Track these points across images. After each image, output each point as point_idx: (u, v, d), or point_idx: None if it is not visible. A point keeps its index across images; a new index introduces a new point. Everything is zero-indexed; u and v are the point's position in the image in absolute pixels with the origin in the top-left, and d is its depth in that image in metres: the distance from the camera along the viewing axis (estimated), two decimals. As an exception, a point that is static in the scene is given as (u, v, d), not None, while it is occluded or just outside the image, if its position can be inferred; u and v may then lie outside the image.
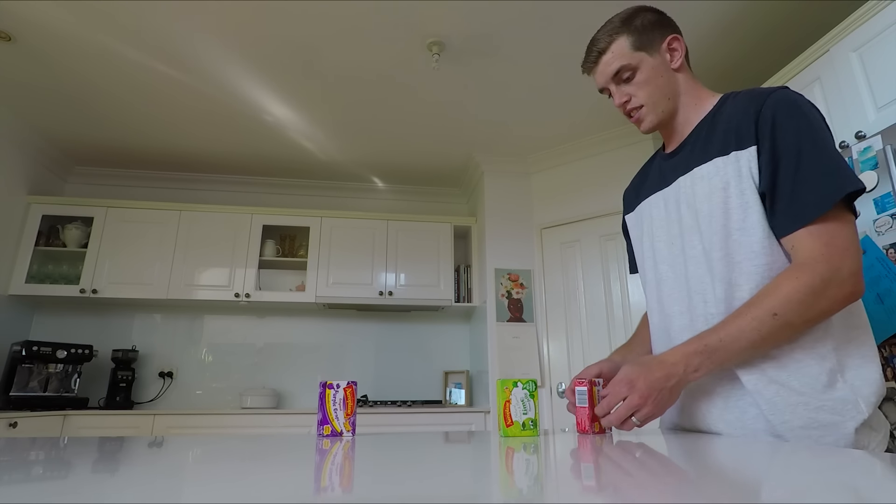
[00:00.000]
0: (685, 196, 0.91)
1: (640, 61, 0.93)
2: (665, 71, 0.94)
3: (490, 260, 3.46)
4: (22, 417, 2.54)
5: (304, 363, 3.67)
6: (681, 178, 0.93)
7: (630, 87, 0.94)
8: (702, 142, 0.91)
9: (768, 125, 0.81)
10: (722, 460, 0.57)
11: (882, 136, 1.59)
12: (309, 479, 0.46)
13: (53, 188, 3.61)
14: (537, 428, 0.84)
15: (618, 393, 0.80)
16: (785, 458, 0.56)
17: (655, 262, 0.98)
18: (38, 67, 2.65)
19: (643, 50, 0.93)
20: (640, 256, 1.05)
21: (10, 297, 3.20)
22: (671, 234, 0.95)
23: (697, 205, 0.88)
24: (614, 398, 0.80)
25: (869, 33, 1.75)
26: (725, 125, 0.87)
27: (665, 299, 0.95)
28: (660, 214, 0.98)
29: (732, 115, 0.87)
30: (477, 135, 3.35)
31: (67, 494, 0.36)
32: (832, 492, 0.39)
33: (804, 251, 0.77)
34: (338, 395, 0.85)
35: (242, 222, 3.53)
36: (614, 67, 0.94)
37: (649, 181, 1.05)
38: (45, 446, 0.69)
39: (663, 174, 1.00)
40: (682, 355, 0.79)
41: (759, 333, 0.75)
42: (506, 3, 2.22)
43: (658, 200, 0.99)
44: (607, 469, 0.52)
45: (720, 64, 2.63)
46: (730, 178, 0.83)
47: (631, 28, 0.94)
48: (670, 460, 0.59)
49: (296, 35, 2.41)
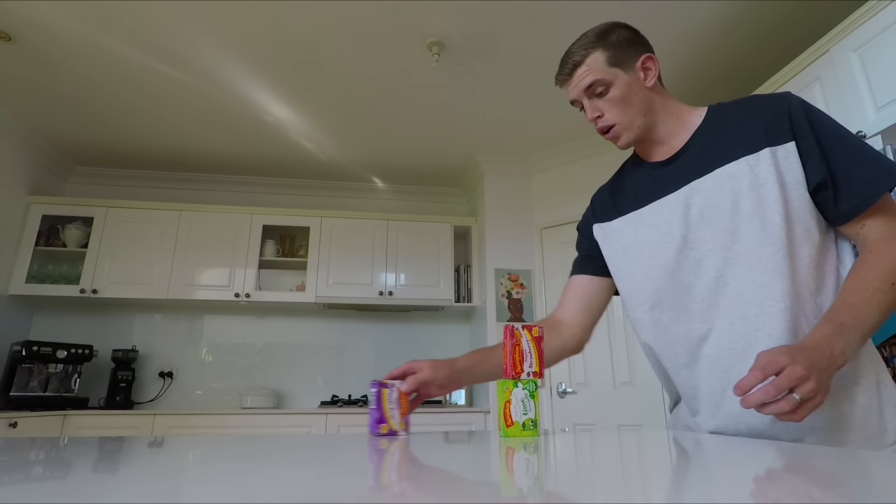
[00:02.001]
0: (710, 196, 0.86)
1: (614, 77, 0.92)
2: (639, 89, 0.94)
3: (490, 260, 3.46)
4: (22, 417, 2.54)
5: (304, 363, 3.67)
6: (695, 181, 0.89)
7: (603, 102, 0.94)
8: (711, 146, 0.89)
9: (804, 120, 0.83)
10: (728, 459, 0.57)
11: (882, 136, 1.59)
12: (320, 478, 0.46)
13: (53, 188, 3.61)
14: (537, 428, 0.84)
15: (775, 362, 0.65)
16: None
17: (658, 276, 0.92)
18: (38, 67, 2.65)
19: (618, 66, 0.92)
20: (627, 268, 0.99)
21: (10, 297, 3.21)
22: (682, 235, 0.89)
23: (729, 203, 0.84)
24: (771, 367, 0.65)
25: (869, 33, 1.75)
26: (743, 127, 0.87)
27: (687, 305, 0.89)
28: (664, 221, 0.92)
29: (749, 117, 0.87)
30: (477, 135, 3.35)
31: (67, 494, 0.36)
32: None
33: (883, 227, 0.79)
34: (392, 394, 0.88)
35: (242, 222, 3.53)
36: (587, 81, 0.93)
37: (640, 191, 0.99)
38: (45, 446, 0.69)
39: (660, 182, 0.95)
40: (823, 338, 0.70)
41: (886, 305, 0.73)
42: (506, 3, 2.22)
43: (661, 208, 0.93)
44: (607, 469, 0.52)
45: (720, 64, 2.63)
46: (767, 174, 0.82)
47: (606, 43, 0.93)
48: (674, 459, 0.59)
49: (296, 34, 2.41)
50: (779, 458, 0.55)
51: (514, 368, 0.86)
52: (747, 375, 0.66)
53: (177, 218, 3.46)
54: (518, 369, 0.86)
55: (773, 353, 0.67)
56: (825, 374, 0.66)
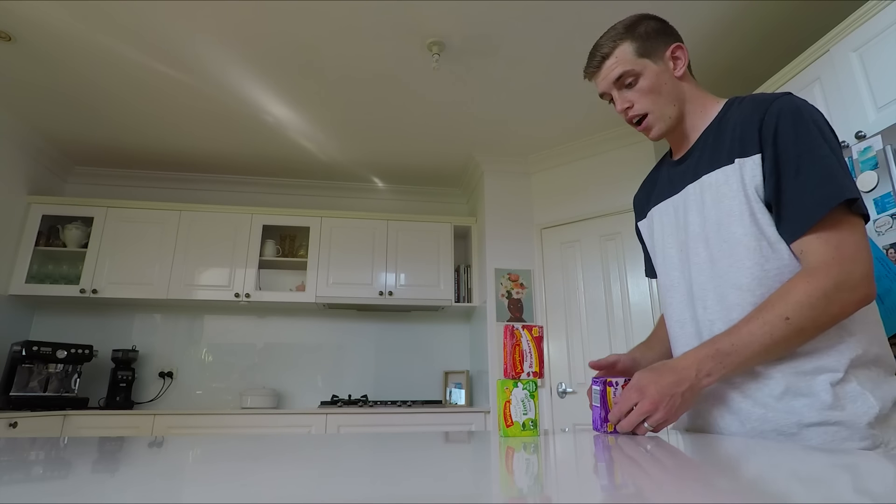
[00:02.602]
0: (694, 203, 0.92)
1: (643, 68, 0.93)
2: (669, 78, 0.94)
3: (490, 260, 3.46)
4: (22, 417, 2.54)
5: (304, 363, 3.67)
6: (689, 185, 0.93)
7: (632, 93, 0.94)
8: (709, 149, 0.91)
9: (771, 133, 0.81)
10: (728, 459, 0.57)
11: (882, 136, 1.59)
12: (320, 478, 0.45)
13: (53, 188, 3.61)
14: (537, 428, 0.84)
15: (629, 399, 0.80)
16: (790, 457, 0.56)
17: (667, 269, 0.99)
18: (38, 67, 2.65)
19: (647, 57, 0.93)
20: (656, 263, 1.06)
21: (10, 297, 3.20)
22: (679, 240, 0.96)
23: (706, 212, 0.88)
24: (625, 405, 0.80)
25: (869, 33, 1.75)
26: (731, 133, 0.88)
27: (675, 305, 0.96)
28: (669, 221, 0.99)
29: (737, 123, 0.87)
30: (477, 135, 3.35)
31: (67, 494, 0.36)
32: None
33: (814, 256, 0.77)
34: (617, 391, 0.88)
35: (242, 222, 3.53)
36: (617, 72, 0.93)
37: (658, 188, 1.06)
38: (45, 446, 0.69)
39: (672, 181, 1.00)
40: (693, 360, 0.79)
41: (772, 338, 0.75)
42: (506, 3, 2.22)
43: (668, 208, 1.00)
44: (607, 469, 0.52)
45: (720, 64, 2.63)
46: (736, 186, 0.84)
47: (634, 35, 0.94)
48: (674, 459, 0.58)
49: (296, 35, 2.41)
50: (778, 457, 0.55)
51: (514, 368, 0.85)
52: (614, 409, 0.82)
53: (177, 218, 3.46)
54: (518, 369, 0.86)
55: (631, 388, 0.80)
56: (679, 399, 0.77)
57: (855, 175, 1.65)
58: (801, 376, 0.78)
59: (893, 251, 1.49)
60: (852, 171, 1.67)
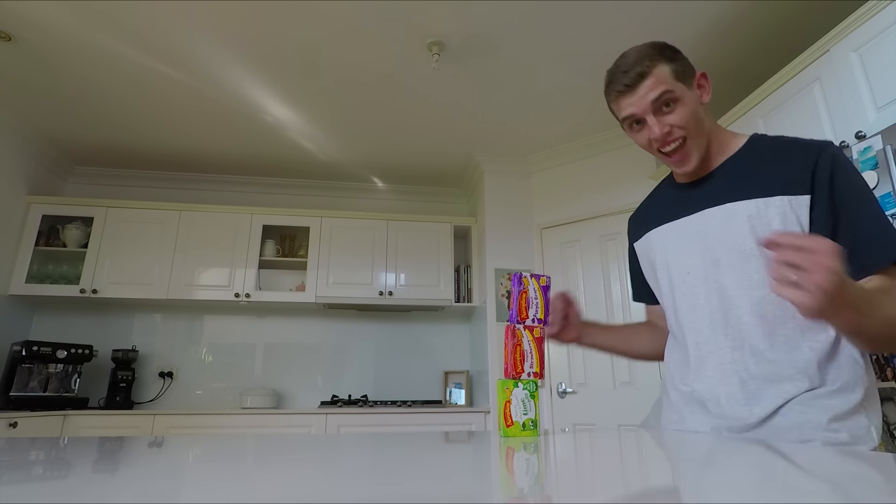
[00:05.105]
0: (715, 229, 0.90)
1: (682, 92, 0.88)
2: (699, 106, 0.91)
3: (490, 260, 3.46)
4: (22, 417, 2.54)
5: (304, 363, 3.67)
6: (708, 209, 0.91)
7: (672, 117, 0.88)
8: (735, 179, 0.90)
9: (826, 178, 0.81)
10: (726, 459, 0.57)
11: (882, 136, 1.59)
12: (320, 477, 0.45)
13: (53, 188, 3.61)
14: (537, 428, 0.84)
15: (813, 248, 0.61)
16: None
17: (672, 290, 0.97)
18: (38, 67, 2.65)
19: (682, 81, 0.89)
20: (656, 284, 1.04)
21: (10, 297, 3.20)
22: (688, 263, 0.94)
23: (731, 239, 0.87)
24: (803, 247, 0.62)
25: (869, 33, 1.74)
26: (768, 168, 0.87)
27: (684, 324, 0.95)
28: (675, 243, 0.97)
29: (776, 161, 0.87)
30: (477, 135, 3.35)
31: (67, 494, 0.36)
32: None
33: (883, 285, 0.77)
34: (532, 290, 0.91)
35: (242, 222, 3.53)
36: (657, 92, 0.86)
37: (659, 210, 1.03)
38: (45, 446, 0.69)
39: (682, 203, 0.97)
40: (854, 296, 0.66)
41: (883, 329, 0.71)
42: (506, 3, 2.22)
43: (674, 228, 0.97)
44: (607, 468, 0.52)
45: (721, 64, 2.63)
46: (772, 219, 0.83)
47: (667, 56, 0.89)
48: (674, 459, 0.58)
49: (296, 35, 2.41)
50: (777, 457, 0.55)
51: (514, 368, 0.85)
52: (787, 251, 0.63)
53: (177, 218, 3.46)
54: (518, 369, 0.86)
55: (818, 248, 0.61)
56: (837, 299, 0.62)
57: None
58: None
59: (893, 251, 1.49)
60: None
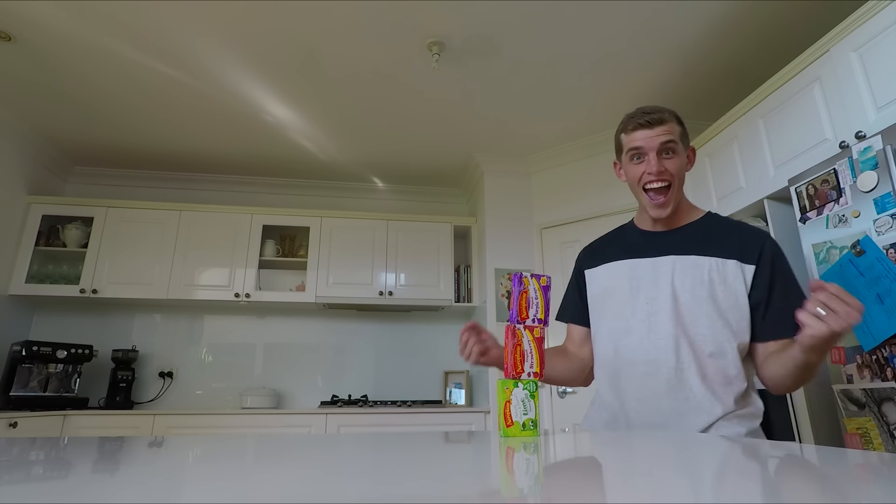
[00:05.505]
0: (679, 272, 1.08)
1: (681, 150, 1.12)
2: (685, 169, 1.14)
3: (490, 260, 3.46)
4: (22, 417, 2.54)
5: (304, 363, 3.67)
6: (674, 256, 1.10)
7: (669, 163, 1.10)
8: (699, 239, 1.12)
9: (769, 258, 1.07)
10: (723, 460, 0.57)
11: (882, 136, 1.59)
12: (320, 477, 0.45)
13: (53, 188, 3.61)
14: (537, 428, 0.84)
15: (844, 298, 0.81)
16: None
17: (626, 315, 1.12)
18: (38, 67, 2.65)
19: (683, 143, 1.12)
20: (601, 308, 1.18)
21: (10, 297, 3.21)
22: (651, 295, 1.09)
23: (688, 283, 1.06)
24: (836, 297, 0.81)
25: (869, 33, 1.74)
26: (726, 239, 1.10)
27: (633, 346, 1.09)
28: (645, 275, 1.12)
29: (731, 235, 1.11)
30: (477, 134, 3.35)
31: (67, 494, 0.36)
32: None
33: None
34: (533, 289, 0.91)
35: (242, 222, 3.53)
36: (668, 138, 1.09)
37: (622, 247, 1.20)
38: (45, 446, 0.69)
39: (647, 244, 1.16)
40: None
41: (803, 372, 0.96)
42: (506, 3, 2.22)
43: (642, 264, 1.13)
44: (607, 469, 0.52)
45: (721, 64, 2.63)
46: (727, 275, 1.06)
47: (679, 120, 1.12)
48: (673, 459, 0.59)
49: (296, 35, 2.41)
50: (775, 457, 0.55)
51: (514, 368, 0.85)
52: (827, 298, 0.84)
53: (177, 218, 3.46)
54: (519, 369, 0.86)
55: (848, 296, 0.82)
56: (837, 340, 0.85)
57: (855, 175, 1.65)
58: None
59: (893, 251, 1.49)
60: (852, 171, 1.67)
